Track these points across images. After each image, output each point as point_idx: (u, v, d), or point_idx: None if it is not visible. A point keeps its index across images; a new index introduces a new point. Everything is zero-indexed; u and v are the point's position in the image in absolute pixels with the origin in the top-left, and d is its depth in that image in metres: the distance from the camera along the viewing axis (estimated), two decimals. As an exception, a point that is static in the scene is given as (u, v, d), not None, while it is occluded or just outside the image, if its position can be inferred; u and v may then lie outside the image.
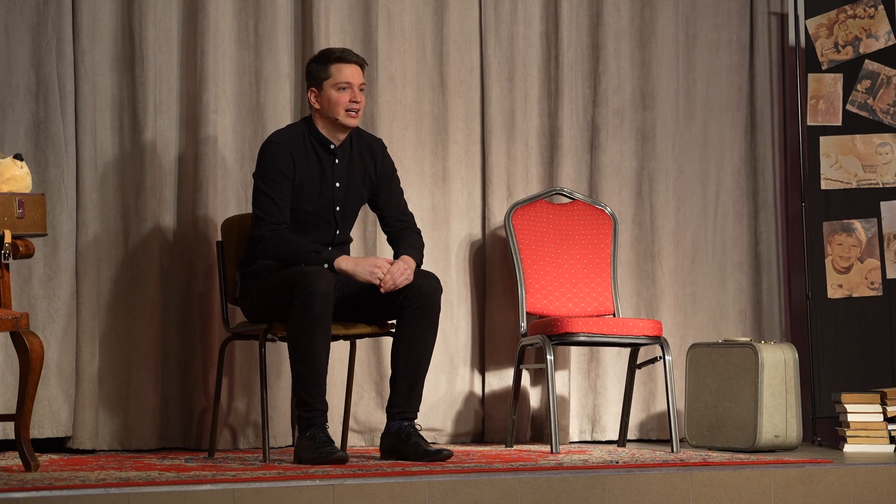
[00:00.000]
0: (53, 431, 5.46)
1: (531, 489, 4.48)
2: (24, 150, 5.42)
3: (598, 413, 6.36)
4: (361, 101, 5.20)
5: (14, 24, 5.47)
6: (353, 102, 5.17)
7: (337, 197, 5.24)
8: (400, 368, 5.10)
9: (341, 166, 5.25)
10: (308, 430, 4.93)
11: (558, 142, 6.37)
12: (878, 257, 6.47)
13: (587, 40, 6.50)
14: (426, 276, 5.12)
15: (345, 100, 5.16)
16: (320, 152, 5.23)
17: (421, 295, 5.06)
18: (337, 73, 5.17)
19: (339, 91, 5.16)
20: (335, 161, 5.24)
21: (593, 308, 6.16)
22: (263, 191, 5.14)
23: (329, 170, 5.23)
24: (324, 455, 4.84)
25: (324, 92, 5.18)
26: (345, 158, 5.27)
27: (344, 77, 5.16)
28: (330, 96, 5.17)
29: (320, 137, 5.23)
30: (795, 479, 4.88)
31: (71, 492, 3.98)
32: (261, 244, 5.11)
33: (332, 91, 5.17)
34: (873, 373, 6.39)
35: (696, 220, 6.66)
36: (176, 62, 5.79)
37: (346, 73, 5.17)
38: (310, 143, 5.22)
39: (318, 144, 5.23)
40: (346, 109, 5.16)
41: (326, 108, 5.19)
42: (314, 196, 5.20)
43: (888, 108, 6.50)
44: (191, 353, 5.73)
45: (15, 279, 5.33)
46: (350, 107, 5.16)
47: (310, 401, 4.94)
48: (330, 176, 5.23)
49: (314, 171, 5.21)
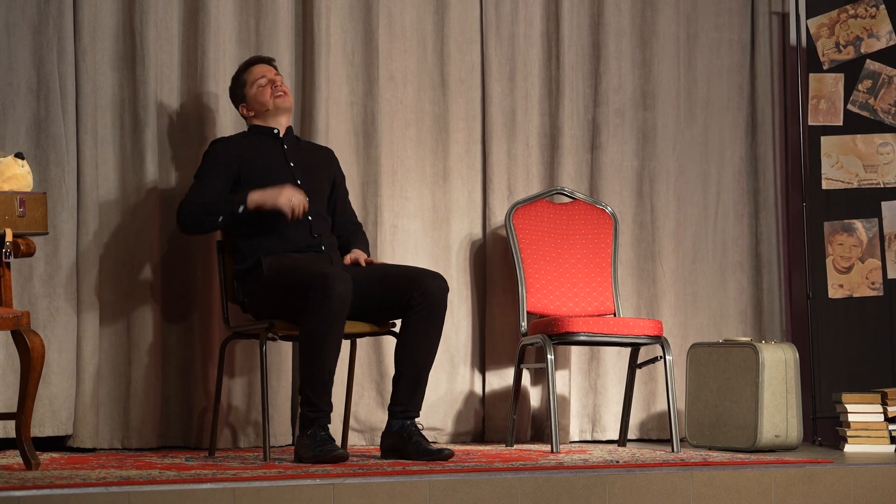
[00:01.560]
0: (54, 430, 5.46)
1: (531, 489, 4.48)
2: (25, 148, 5.42)
3: (599, 413, 6.36)
4: (284, 86, 5.43)
5: (15, 23, 5.47)
6: (276, 87, 5.41)
7: (296, 174, 5.38)
8: (404, 368, 5.10)
9: (291, 152, 5.44)
10: (309, 429, 4.94)
11: (559, 141, 6.37)
12: (878, 257, 6.47)
13: (588, 40, 6.50)
14: (433, 276, 5.14)
15: (267, 91, 5.41)
16: (266, 140, 5.44)
17: (428, 295, 5.07)
18: (249, 76, 5.46)
19: (259, 87, 5.42)
20: (284, 146, 5.43)
21: (594, 308, 6.16)
22: (195, 176, 5.36)
23: (279, 153, 5.41)
24: (324, 453, 4.84)
25: (247, 97, 5.45)
26: (293, 146, 5.47)
27: (257, 74, 5.45)
28: (255, 96, 5.43)
29: (261, 129, 5.46)
30: (796, 479, 4.88)
31: (72, 490, 3.98)
32: (179, 223, 5.29)
33: (253, 90, 5.43)
34: (874, 373, 6.39)
35: (696, 219, 6.66)
36: (177, 61, 5.79)
37: (257, 71, 5.45)
38: (253, 137, 5.44)
39: (262, 135, 5.45)
40: (273, 95, 5.40)
41: (256, 106, 5.44)
42: (270, 171, 5.33)
43: (889, 108, 6.50)
44: (191, 351, 5.73)
45: (16, 278, 5.33)
46: (275, 92, 5.41)
47: (316, 401, 4.95)
48: (281, 158, 5.40)
49: (262, 154, 5.38)
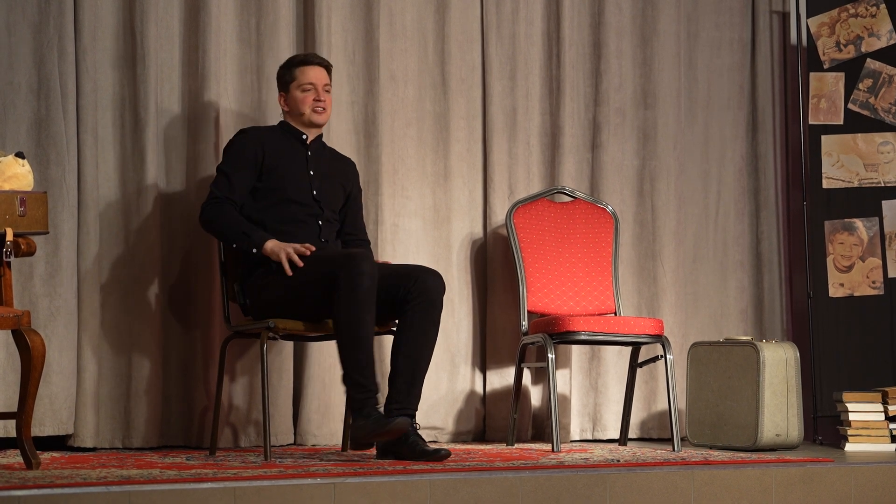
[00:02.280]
0: (55, 429, 5.46)
1: (532, 488, 4.48)
2: (26, 148, 5.42)
3: (600, 412, 6.36)
4: (326, 101, 5.44)
5: (15, 23, 5.47)
6: (317, 101, 5.42)
7: (313, 182, 5.41)
8: (400, 365, 5.07)
9: (314, 158, 5.46)
10: (363, 410, 4.94)
11: (560, 140, 6.37)
12: (879, 256, 6.47)
13: (589, 39, 6.50)
14: (429, 272, 5.14)
15: (309, 99, 5.42)
16: (293, 142, 5.46)
17: (424, 291, 5.07)
18: (301, 75, 5.43)
19: (303, 92, 5.42)
20: (308, 153, 5.44)
21: (594, 307, 6.16)
22: (221, 170, 5.36)
23: (302, 158, 5.43)
24: (383, 425, 4.88)
25: (290, 94, 5.45)
26: (317, 153, 5.48)
27: (307, 78, 5.42)
28: (296, 97, 5.43)
29: (292, 129, 5.47)
30: (797, 478, 4.88)
31: (72, 490, 3.98)
32: (202, 212, 5.29)
33: (297, 92, 5.43)
34: (874, 372, 6.39)
35: (697, 218, 6.66)
36: (177, 60, 5.79)
37: (310, 74, 5.42)
38: (282, 134, 5.46)
39: (291, 135, 5.46)
40: (311, 109, 5.41)
41: (294, 108, 5.44)
42: (289, 176, 5.37)
43: (890, 107, 6.50)
44: (192, 351, 5.73)
45: (16, 277, 5.33)
46: (315, 106, 5.42)
47: (363, 381, 4.96)
48: (304, 163, 5.42)
49: (287, 155, 5.41)
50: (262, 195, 5.34)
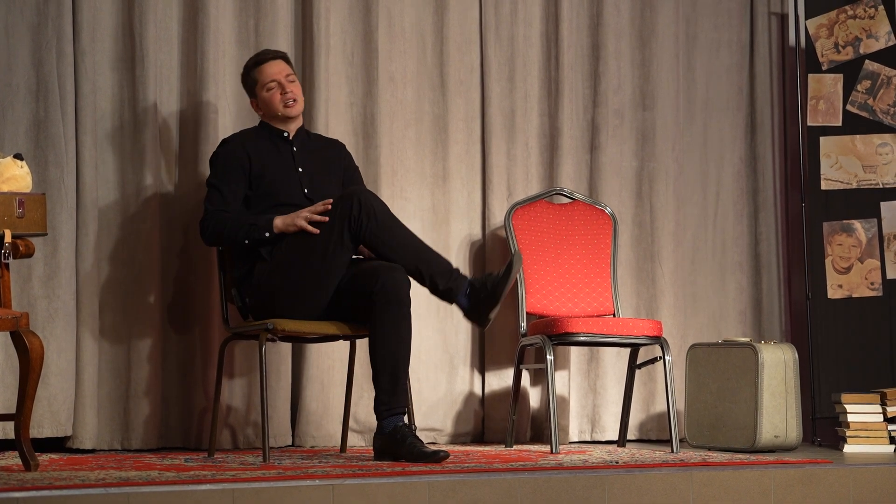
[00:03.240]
0: (53, 431, 5.46)
1: (531, 489, 4.48)
2: (25, 149, 5.42)
3: (598, 413, 6.36)
4: (294, 90, 5.40)
5: (14, 24, 5.47)
6: (285, 94, 5.37)
7: (303, 181, 5.37)
8: (379, 366, 5.02)
9: (301, 154, 5.42)
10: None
11: (558, 142, 6.37)
12: (878, 258, 6.47)
13: (587, 40, 6.50)
14: (391, 269, 5.07)
15: (277, 96, 5.38)
16: (276, 142, 5.41)
17: (386, 289, 5.01)
18: (260, 75, 5.41)
19: (268, 91, 5.39)
20: (293, 149, 5.41)
21: (593, 308, 6.16)
22: (211, 184, 5.32)
23: (288, 156, 5.39)
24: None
25: (259, 97, 5.43)
26: (303, 147, 5.45)
27: (267, 76, 5.39)
28: (264, 98, 5.41)
29: (272, 129, 5.43)
30: (795, 480, 4.88)
31: (71, 491, 3.98)
32: (202, 230, 5.27)
33: (263, 93, 5.41)
34: (873, 373, 6.39)
35: (696, 220, 6.66)
36: (176, 62, 5.79)
37: (268, 71, 5.39)
38: (264, 136, 5.41)
39: (273, 136, 5.42)
40: (282, 103, 5.37)
41: (267, 110, 5.42)
42: (278, 180, 5.33)
43: (888, 109, 6.50)
44: (191, 352, 5.73)
45: (15, 279, 5.33)
46: (284, 100, 5.37)
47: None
48: (290, 161, 5.38)
49: (273, 158, 5.37)
50: (255, 203, 5.31)
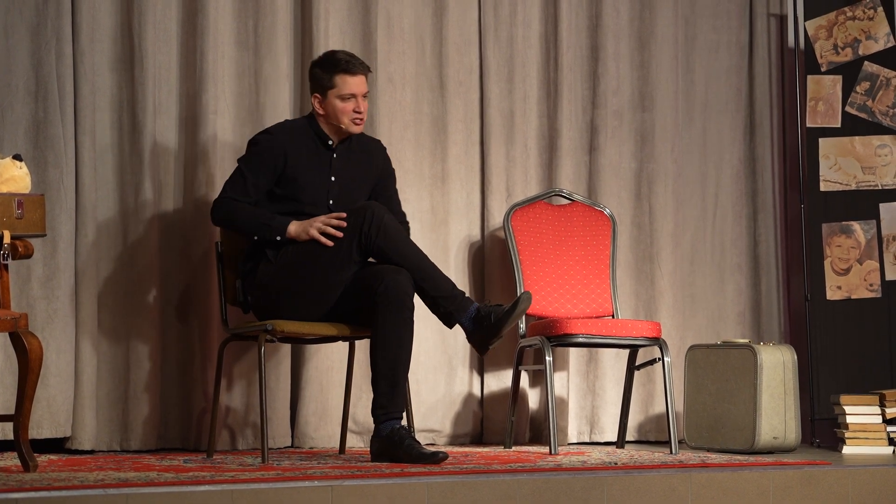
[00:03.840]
0: (52, 432, 5.46)
1: (530, 490, 4.48)
2: (24, 150, 5.42)
3: (597, 414, 6.36)
4: (365, 109, 5.29)
5: (13, 25, 5.47)
6: (357, 112, 5.26)
7: (332, 191, 5.30)
8: (379, 369, 5.02)
9: (339, 162, 5.33)
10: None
11: (557, 143, 6.37)
12: (877, 259, 6.47)
13: (586, 42, 6.50)
14: (396, 271, 5.06)
15: (349, 109, 5.25)
16: (318, 146, 5.32)
17: (389, 292, 5.01)
18: (342, 84, 5.25)
19: (343, 101, 5.26)
20: (333, 156, 5.33)
21: (592, 309, 6.16)
22: (240, 169, 5.26)
23: (326, 163, 5.31)
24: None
25: (328, 100, 5.27)
26: (343, 155, 5.35)
27: (349, 89, 5.25)
28: (335, 105, 5.26)
29: (321, 133, 5.32)
30: (794, 481, 4.88)
31: (69, 492, 3.98)
32: (214, 209, 5.23)
33: (336, 101, 5.26)
34: (872, 374, 6.39)
35: (695, 221, 6.66)
36: (175, 63, 5.79)
37: (352, 84, 5.26)
38: (309, 135, 5.32)
39: (318, 139, 5.32)
40: (351, 120, 5.26)
41: (332, 116, 5.29)
42: (308, 186, 5.27)
43: (887, 110, 6.50)
44: (190, 353, 5.73)
45: (14, 280, 5.33)
46: (354, 116, 5.26)
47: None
48: (326, 169, 5.30)
49: (310, 162, 5.29)
50: (278, 199, 5.27)
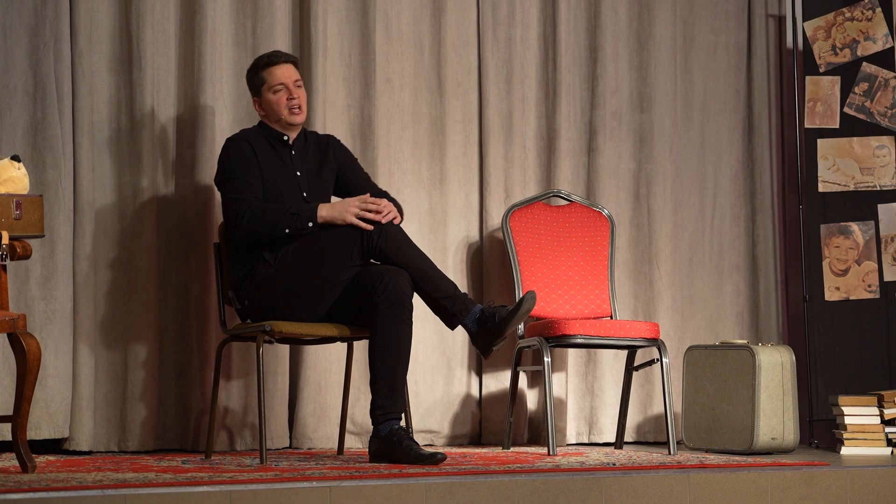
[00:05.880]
0: (50, 433, 5.46)
1: (528, 491, 4.48)
2: (22, 151, 5.42)
3: (596, 415, 6.36)
4: (300, 97, 5.38)
5: (11, 26, 5.47)
6: (291, 100, 5.36)
7: (301, 185, 5.37)
8: (378, 370, 5.02)
9: (298, 157, 5.42)
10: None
11: (556, 144, 6.37)
12: (875, 260, 6.47)
13: (585, 42, 6.50)
14: (396, 272, 5.08)
15: (283, 100, 5.36)
16: (276, 145, 5.40)
17: (389, 292, 5.02)
18: (269, 76, 5.38)
19: (275, 93, 5.36)
20: (292, 152, 5.41)
21: (590, 310, 6.16)
22: (232, 177, 5.27)
23: (287, 160, 5.39)
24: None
25: (263, 98, 5.40)
26: (300, 150, 5.44)
27: (276, 79, 5.36)
28: (269, 100, 5.37)
29: (273, 133, 5.41)
30: (792, 482, 4.88)
31: (68, 493, 3.98)
32: (237, 221, 5.20)
33: (269, 95, 5.37)
34: (870, 375, 6.39)
35: (693, 222, 6.66)
36: (174, 64, 5.79)
37: (278, 74, 5.37)
38: (264, 138, 5.40)
39: (273, 139, 5.40)
40: (288, 109, 5.35)
41: (270, 112, 5.39)
42: (279, 183, 5.32)
43: (886, 111, 6.50)
44: (188, 354, 5.73)
45: (12, 280, 5.33)
46: (290, 105, 5.35)
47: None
48: (289, 165, 5.38)
49: (273, 161, 5.36)
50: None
